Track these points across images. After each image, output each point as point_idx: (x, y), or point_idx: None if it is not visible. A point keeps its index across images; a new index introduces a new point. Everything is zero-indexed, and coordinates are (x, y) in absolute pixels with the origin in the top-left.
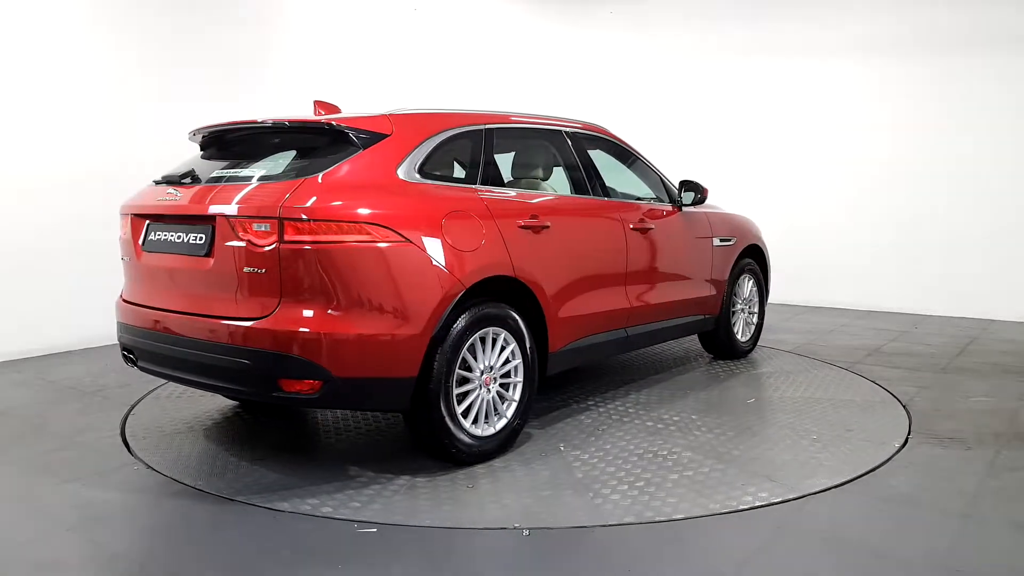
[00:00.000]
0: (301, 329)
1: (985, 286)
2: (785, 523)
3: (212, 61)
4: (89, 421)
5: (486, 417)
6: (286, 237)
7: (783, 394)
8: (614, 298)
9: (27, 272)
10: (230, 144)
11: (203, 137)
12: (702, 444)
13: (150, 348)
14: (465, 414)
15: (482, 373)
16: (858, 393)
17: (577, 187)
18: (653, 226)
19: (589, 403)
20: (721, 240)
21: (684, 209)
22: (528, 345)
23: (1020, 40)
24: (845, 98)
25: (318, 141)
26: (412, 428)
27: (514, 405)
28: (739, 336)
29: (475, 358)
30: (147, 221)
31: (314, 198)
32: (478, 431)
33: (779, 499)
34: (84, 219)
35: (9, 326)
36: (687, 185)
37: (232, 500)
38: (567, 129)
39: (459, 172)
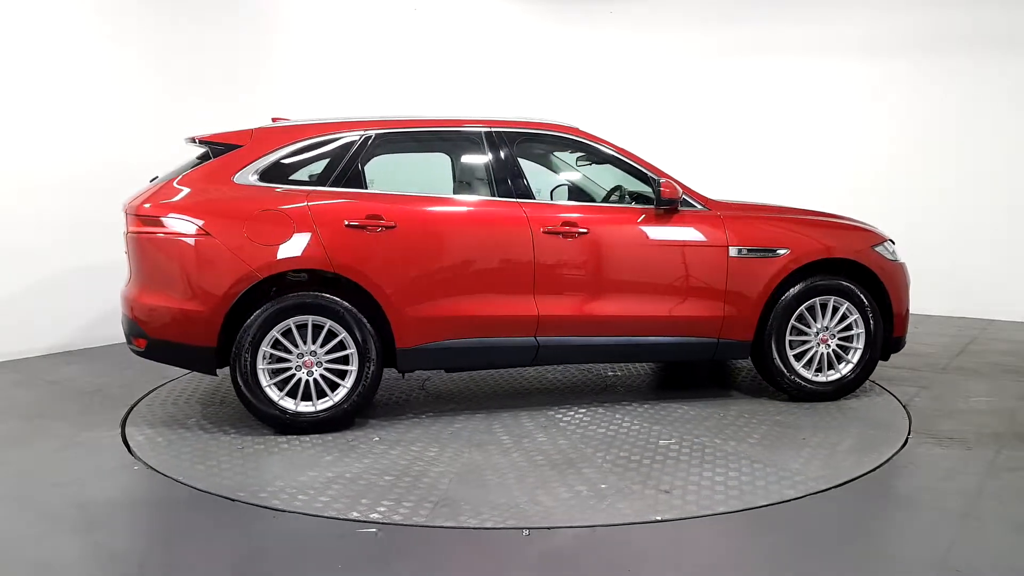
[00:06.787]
0: (130, 297)
1: (985, 286)
2: (785, 523)
3: (212, 61)
4: (89, 421)
5: (308, 397)
6: (130, 227)
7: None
8: (511, 304)
9: (27, 272)
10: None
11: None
12: (467, 462)
13: None
14: (282, 388)
15: (301, 356)
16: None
17: (492, 189)
18: (585, 230)
19: (503, 410)
20: (750, 250)
21: (680, 210)
22: (360, 337)
23: (1021, 40)
24: (845, 98)
25: (199, 152)
26: None
27: (344, 391)
28: (809, 373)
29: (295, 343)
30: None
31: (149, 198)
32: (291, 407)
33: (779, 499)
34: (84, 219)
35: (9, 326)
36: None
37: (232, 500)
38: (490, 130)
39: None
